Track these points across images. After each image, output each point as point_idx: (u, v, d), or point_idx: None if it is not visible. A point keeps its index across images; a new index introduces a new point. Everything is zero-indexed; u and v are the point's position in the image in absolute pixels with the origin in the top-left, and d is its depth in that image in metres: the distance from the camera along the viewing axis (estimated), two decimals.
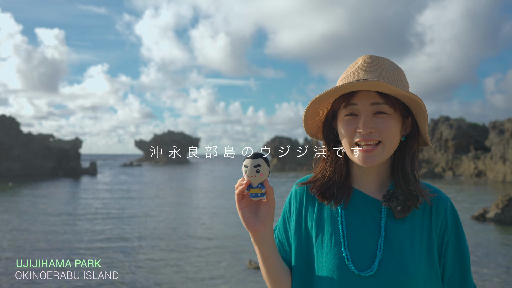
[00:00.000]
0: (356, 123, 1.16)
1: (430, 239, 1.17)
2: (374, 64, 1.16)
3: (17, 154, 40.66)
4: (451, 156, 40.91)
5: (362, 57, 1.19)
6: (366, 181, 1.24)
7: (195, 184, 34.56)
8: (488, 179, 34.36)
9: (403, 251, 1.14)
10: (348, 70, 1.21)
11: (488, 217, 13.90)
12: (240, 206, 1.15)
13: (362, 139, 1.15)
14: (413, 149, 1.22)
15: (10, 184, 30.40)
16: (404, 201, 1.17)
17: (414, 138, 1.22)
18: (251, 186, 1.12)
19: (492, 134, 36.70)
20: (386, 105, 1.14)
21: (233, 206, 18.79)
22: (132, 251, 10.30)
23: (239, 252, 10.23)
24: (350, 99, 1.16)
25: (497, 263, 9.19)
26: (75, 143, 45.65)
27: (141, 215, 16.41)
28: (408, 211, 1.17)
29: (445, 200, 1.21)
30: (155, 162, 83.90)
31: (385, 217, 1.18)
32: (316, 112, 1.25)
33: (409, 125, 1.22)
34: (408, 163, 1.20)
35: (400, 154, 1.22)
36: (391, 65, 1.19)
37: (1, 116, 40.86)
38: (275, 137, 58.81)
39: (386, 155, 1.17)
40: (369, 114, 1.15)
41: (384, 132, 1.14)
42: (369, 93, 1.15)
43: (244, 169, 1.11)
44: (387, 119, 1.15)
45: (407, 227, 1.17)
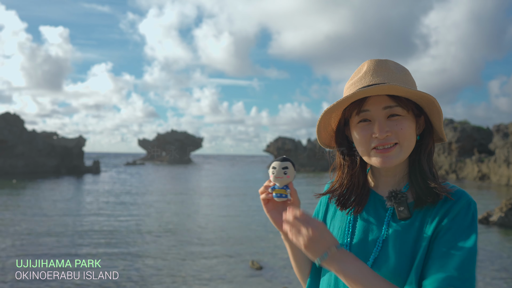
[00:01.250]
0: (370, 129, 1.16)
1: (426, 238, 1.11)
2: (380, 67, 1.16)
3: (21, 151, 40.79)
4: (454, 159, 40.76)
5: (366, 62, 1.19)
6: (383, 182, 1.25)
7: (198, 184, 34.57)
8: (491, 183, 34.21)
9: (395, 252, 1.12)
10: (353, 77, 1.21)
11: (492, 220, 13.83)
12: (268, 208, 1.23)
13: (379, 144, 1.15)
14: (428, 146, 1.22)
15: (14, 181, 30.52)
16: (417, 197, 1.14)
17: (428, 136, 1.22)
18: (275, 187, 1.19)
19: (496, 137, 36.53)
20: (399, 107, 1.15)
21: (236, 207, 18.87)
22: (133, 251, 10.31)
23: (241, 252, 10.22)
24: (362, 106, 1.16)
25: (500, 266, 9.14)
26: (78, 141, 45.76)
27: (143, 214, 16.43)
28: (424, 204, 1.13)
29: (459, 195, 1.13)
30: (159, 161, 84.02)
31: (389, 217, 1.18)
32: (328, 122, 1.25)
33: (422, 123, 1.22)
34: (425, 161, 1.19)
35: (416, 153, 1.21)
36: (397, 66, 1.19)
37: (6, 113, 41.02)
38: (278, 138, 58.74)
39: (404, 156, 1.17)
40: (383, 118, 1.15)
41: (400, 133, 1.15)
42: (380, 97, 1.15)
43: (271, 170, 1.18)
44: (401, 120, 1.15)
45: (407, 228, 1.14)
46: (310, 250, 1.09)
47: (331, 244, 1.10)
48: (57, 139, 45.76)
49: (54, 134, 46.48)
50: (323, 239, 1.09)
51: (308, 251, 1.09)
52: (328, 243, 1.10)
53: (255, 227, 13.60)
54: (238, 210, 17.82)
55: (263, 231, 12.80)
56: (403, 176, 1.23)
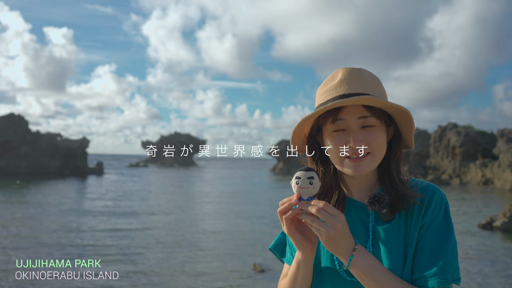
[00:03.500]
0: (344, 137, 1.18)
1: (413, 236, 1.17)
2: (354, 76, 1.18)
3: (25, 152, 40.95)
4: (458, 163, 40.60)
5: (341, 70, 1.21)
6: (356, 188, 1.27)
7: (200, 186, 34.59)
8: (495, 188, 34.04)
9: (389, 253, 1.17)
10: (327, 83, 1.22)
11: (495, 225, 13.76)
12: (291, 231, 1.12)
13: (353, 153, 1.17)
14: (397, 154, 1.26)
15: (18, 182, 30.63)
16: (390, 203, 1.19)
17: (397, 144, 1.26)
18: (301, 200, 1.10)
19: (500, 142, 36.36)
20: (373, 117, 1.18)
21: (238, 209, 18.84)
22: (133, 252, 10.32)
23: (243, 255, 10.21)
24: (338, 115, 1.18)
25: (504, 272, 9.09)
26: (82, 143, 45.90)
27: (145, 216, 16.44)
28: (397, 211, 1.19)
29: (431, 191, 1.21)
30: (162, 163, 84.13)
31: (373, 221, 1.22)
32: (301, 128, 1.26)
33: (391, 131, 1.26)
34: (393, 168, 1.24)
35: (385, 160, 1.25)
36: (371, 76, 1.21)
37: (10, 114, 41.21)
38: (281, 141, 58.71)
39: (375, 165, 1.20)
40: (358, 128, 1.18)
41: (374, 143, 1.18)
42: (355, 107, 1.17)
43: (295, 181, 1.10)
44: (374, 131, 1.18)
45: (395, 228, 1.19)
46: (332, 246, 1.09)
47: (352, 242, 1.11)
48: (61, 140, 45.90)
49: (58, 135, 46.63)
50: (345, 235, 1.09)
51: (329, 246, 1.09)
52: (350, 241, 1.11)
53: (258, 230, 13.59)
54: (240, 212, 17.80)
55: (266, 234, 12.79)
56: (376, 181, 1.27)
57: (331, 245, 1.08)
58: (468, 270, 9.00)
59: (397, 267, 1.15)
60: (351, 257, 1.09)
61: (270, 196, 26.01)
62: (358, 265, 1.09)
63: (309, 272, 1.19)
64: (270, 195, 26.94)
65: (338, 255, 1.10)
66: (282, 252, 1.36)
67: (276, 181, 41.67)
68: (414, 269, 1.14)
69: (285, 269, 1.35)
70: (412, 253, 1.15)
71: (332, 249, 1.09)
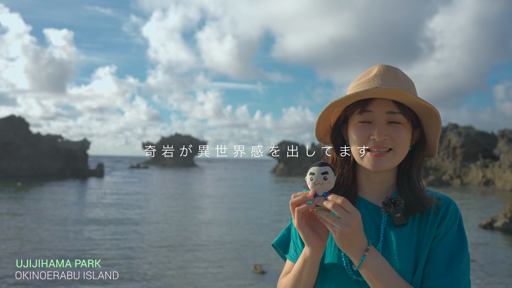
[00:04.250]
0: (369, 130, 1.17)
1: (426, 244, 1.16)
2: (390, 73, 1.18)
3: (25, 154, 40.97)
4: (459, 164, 40.56)
5: (377, 66, 1.21)
6: (371, 189, 1.25)
7: (201, 188, 34.58)
8: (496, 188, 34.00)
9: (400, 257, 1.15)
10: (361, 78, 1.22)
11: (496, 226, 13.74)
12: (301, 225, 1.09)
13: (375, 146, 1.16)
14: (420, 159, 1.24)
15: (19, 184, 30.64)
16: (406, 206, 1.18)
17: (421, 149, 1.25)
18: (317, 196, 1.07)
19: (501, 142, 36.32)
20: (401, 114, 1.17)
21: (239, 210, 18.82)
22: (134, 253, 10.31)
23: (244, 256, 10.20)
24: (366, 106, 1.17)
25: (504, 272, 9.08)
26: (83, 144, 45.92)
27: (145, 217, 16.42)
28: (412, 214, 1.18)
29: (447, 202, 1.21)
30: (162, 165, 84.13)
31: (385, 224, 1.20)
32: (328, 116, 1.26)
33: (416, 135, 1.25)
34: (415, 172, 1.22)
35: (407, 163, 1.24)
36: (405, 76, 1.21)
37: (11, 116, 41.24)
38: (282, 142, 58.70)
39: (395, 163, 1.18)
40: (384, 122, 1.17)
41: (397, 140, 1.16)
42: (385, 101, 1.16)
43: (309, 177, 1.07)
44: (400, 128, 1.17)
45: (407, 233, 1.17)
46: (344, 244, 1.06)
47: (365, 243, 1.09)
48: (62, 142, 45.92)
49: (59, 137, 46.65)
50: (359, 234, 1.07)
51: (342, 244, 1.07)
52: (363, 241, 1.09)
53: (258, 231, 13.58)
54: (241, 214, 17.79)
55: (267, 235, 12.78)
56: (392, 185, 1.25)
57: (344, 243, 1.06)
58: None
59: (407, 272, 1.13)
60: (363, 257, 1.07)
61: (272, 198, 26.02)
62: (369, 266, 1.07)
63: (315, 270, 1.16)
64: (271, 197, 26.94)
65: (350, 254, 1.08)
66: (286, 249, 1.34)
67: (277, 183, 41.64)
68: (426, 278, 1.12)
69: (286, 267, 1.32)
70: (424, 261, 1.14)
71: (345, 247, 1.07)
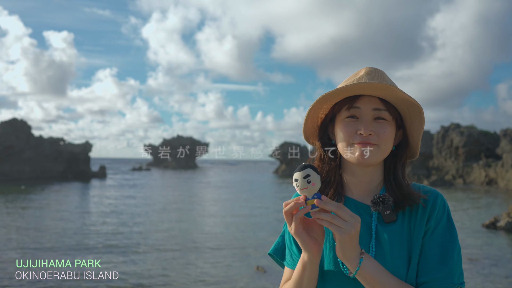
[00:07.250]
0: (356, 126, 1.21)
1: (417, 238, 1.19)
2: (376, 74, 1.24)
3: (28, 157, 41.08)
4: (461, 163, 40.49)
5: (365, 68, 1.27)
6: (358, 188, 1.28)
7: (203, 189, 34.60)
8: (499, 187, 33.93)
9: (393, 254, 1.17)
10: (349, 79, 1.27)
11: (499, 225, 13.72)
12: (298, 231, 1.09)
13: (361, 141, 1.20)
14: (403, 158, 1.29)
15: (23, 187, 30.72)
16: (394, 203, 1.21)
17: (404, 149, 1.30)
18: (308, 200, 1.07)
19: (504, 141, 36.24)
20: (387, 112, 1.22)
21: (240, 211, 18.82)
22: (135, 253, 10.32)
23: (246, 257, 10.20)
24: (354, 103, 1.22)
25: (507, 272, 9.06)
26: (85, 147, 46.02)
27: (147, 218, 16.45)
28: (402, 209, 1.21)
29: (434, 195, 1.23)
30: (164, 166, 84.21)
31: (375, 221, 1.22)
32: (316, 113, 1.30)
33: (399, 136, 1.30)
34: (399, 170, 1.27)
35: (392, 162, 1.28)
36: (390, 79, 1.27)
37: (13, 119, 41.38)
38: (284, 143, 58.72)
39: (380, 158, 1.22)
40: (371, 118, 1.21)
41: (382, 136, 1.20)
42: (372, 98, 1.22)
43: (295, 184, 1.07)
44: (385, 125, 1.22)
45: (398, 229, 1.20)
46: (347, 247, 1.07)
47: (359, 247, 1.11)
48: (64, 145, 46.03)
49: (61, 139, 46.77)
50: (357, 238, 1.08)
51: (344, 247, 1.07)
52: (358, 245, 1.10)
53: (261, 232, 13.58)
54: (243, 214, 17.80)
55: (269, 236, 12.78)
56: (378, 184, 1.28)
57: (346, 246, 1.06)
58: (472, 270, 8.96)
59: (401, 268, 1.15)
60: (360, 260, 1.08)
61: (274, 199, 26.01)
62: (367, 269, 1.09)
63: (315, 274, 1.17)
64: (274, 198, 26.94)
65: (348, 258, 1.08)
66: (282, 256, 1.34)
67: (279, 184, 41.63)
68: (420, 273, 1.15)
69: (286, 274, 1.32)
70: (417, 257, 1.16)
71: (345, 250, 1.07)
